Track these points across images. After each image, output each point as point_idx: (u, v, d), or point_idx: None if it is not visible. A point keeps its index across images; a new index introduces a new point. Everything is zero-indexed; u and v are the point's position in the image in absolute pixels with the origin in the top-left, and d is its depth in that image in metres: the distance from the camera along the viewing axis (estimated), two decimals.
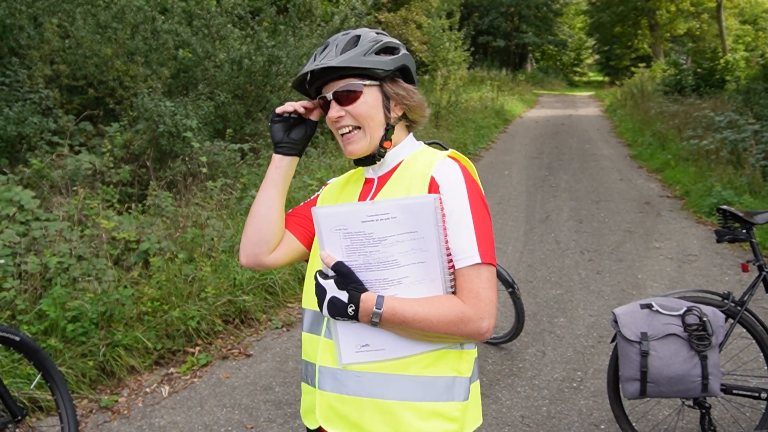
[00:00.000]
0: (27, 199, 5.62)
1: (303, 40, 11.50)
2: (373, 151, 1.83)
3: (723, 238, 3.69)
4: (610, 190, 10.90)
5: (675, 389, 3.27)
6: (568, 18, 50.45)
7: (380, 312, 1.61)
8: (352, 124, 1.80)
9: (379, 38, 1.83)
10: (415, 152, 1.87)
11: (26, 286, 4.88)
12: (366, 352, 1.68)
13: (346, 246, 1.61)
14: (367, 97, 1.79)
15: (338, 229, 1.61)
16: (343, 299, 1.61)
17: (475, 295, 1.65)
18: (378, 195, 1.82)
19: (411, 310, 1.61)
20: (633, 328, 3.30)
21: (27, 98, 7.76)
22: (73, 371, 4.41)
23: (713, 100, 17.02)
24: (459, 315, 1.62)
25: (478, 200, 1.73)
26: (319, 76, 1.82)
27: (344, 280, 1.62)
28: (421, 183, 1.74)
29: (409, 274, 1.63)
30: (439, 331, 1.63)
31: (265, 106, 10.43)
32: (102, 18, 9.32)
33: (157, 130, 7.65)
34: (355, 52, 1.77)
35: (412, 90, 1.85)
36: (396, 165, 1.86)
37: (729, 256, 7.20)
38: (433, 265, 1.63)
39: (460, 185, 1.72)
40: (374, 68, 1.78)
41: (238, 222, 6.73)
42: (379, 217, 1.59)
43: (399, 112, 1.85)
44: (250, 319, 5.64)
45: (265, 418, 4.18)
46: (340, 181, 2.03)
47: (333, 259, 1.63)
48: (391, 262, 1.61)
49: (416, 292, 1.64)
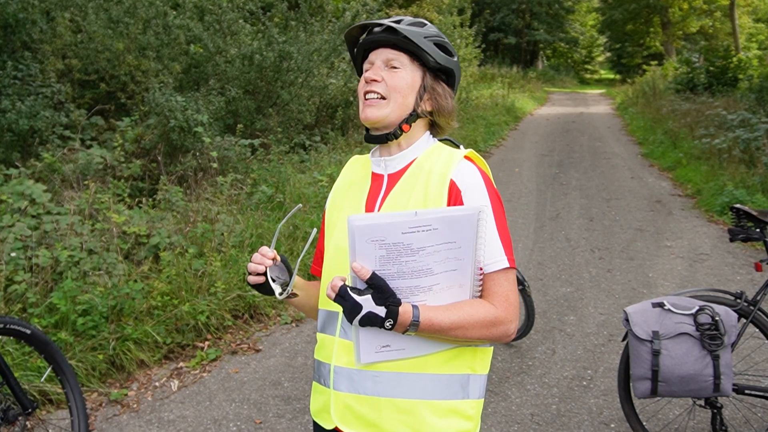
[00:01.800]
0: (38, 192, 5.64)
1: (314, 35, 11.50)
2: (388, 128, 1.79)
3: (736, 237, 3.66)
4: (621, 188, 10.85)
5: (686, 389, 3.25)
6: (580, 15, 50.28)
7: (417, 324, 1.57)
8: (381, 92, 1.76)
9: (441, 35, 1.82)
10: (429, 149, 1.83)
11: (37, 279, 4.90)
12: (386, 352, 1.65)
13: (380, 256, 1.55)
14: (408, 75, 1.77)
15: (374, 240, 1.53)
16: (381, 314, 1.54)
17: (505, 298, 1.66)
18: (389, 195, 1.78)
19: (447, 320, 1.59)
20: (644, 326, 3.28)
21: (39, 92, 7.79)
22: (83, 365, 4.43)
23: (726, 99, 16.92)
24: (493, 320, 1.63)
25: (498, 204, 1.73)
26: (373, 41, 1.80)
27: (381, 294, 1.55)
28: (439, 187, 1.71)
29: (441, 281, 1.60)
30: (471, 337, 1.63)
31: (276, 102, 10.44)
32: (114, 13, 9.34)
33: (168, 125, 7.66)
34: (416, 30, 1.76)
35: (450, 93, 1.83)
36: (409, 163, 1.82)
37: (741, 255, 7.15)
38: (465, 272, 1.62)
39: (482, 190, 1.71)
40: (428, 53, 1.76)
41: (248, 217, 6.74)
42: (421, 229, 1.53)
43: (428, 107, 1.81)
44: (259, 314, 5.65)
45: (273, 413, 4.18)
46: (346, 178, 1.98)
47: (368, 272, 1.54)
48: (426, 270, 1.57)
49: (444, 298, 1.62)
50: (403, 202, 1.74)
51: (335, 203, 1.94)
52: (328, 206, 1.97)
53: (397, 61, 1.77)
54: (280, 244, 6.44)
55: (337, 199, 1.94)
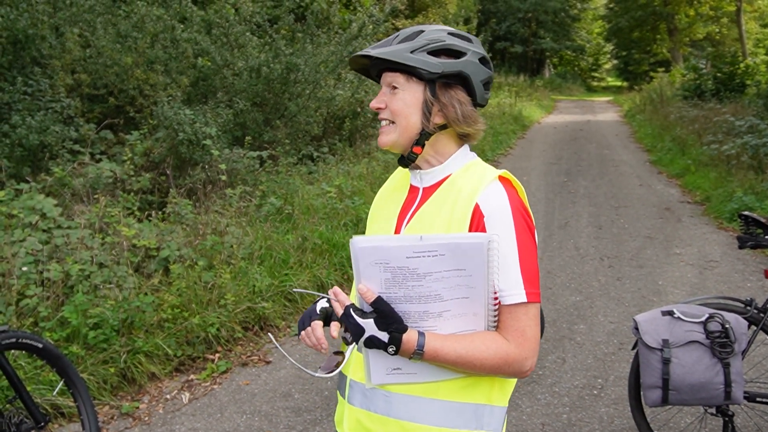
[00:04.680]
0: (49, 207, 5.68)
1: (321, 47, 11.55)
2: (402, 151, 1.74)
3: (745, 244, 3.65)
4: (630, 196, 10.83)
5: (697, 397, 3.24)
6: (586, 23, 50.27)
7: (422, 353, 1.54)
8: (388, 118, 1.73)
9: (441, 38, 1.69)
10: (466, 165, 1.75)
11: (48, 293, 4.93)
12: (397, 374, 1.62)
13: (385, 279, 1.52)
14: (406, 94, 1.69)
15: (379, 262, 1.50)
16: (383, 339, 1.52)
17: (521, 333, 1.60)
18: (420, 209, 1.73)
19: (453, 353, 1.55)
20: (654, 335, 3.27)
21: (49, 107, 7.84)
22: (94, 378, 4.45)
23: (733, 105, 16.87)
24: (504, 357, 1.58)
25: (524, 231, 1.64)
26: (377, 63, 1.74)
27: (385, 320, 1.53)
28: (464, 209, 1.63)
29: (452, 308, 1.55)
30: (480, 372, 1.60)
31: (284, 114, 10.47)
32: (122, 27, 9.41)
33: (177, 138, 7.70)
34: (403, 46, 1.67)
35: (460, 101, 1.70)
36: (444, 178, 1.74)
37: (751, 262, 7.13)
38: (478, 301, 1.56)
39: (507, 216, 1.62)
40: (417, 67, 1.65)
41: (257, 229, 6.76)
42: (426, 254, 1.49)
43: (439, 120, 1.71)
44: (269, 326, 5.66)
45: (284, 425, 4.18)
46: (389, 186, 1.94)
47: (373, 295, 1.53)
48: (434, 296, 1.53)
49: (456, 325, 1.58)
50: (429, 221, 1.69)
51: (374, 211, 1.92)
52: (370, 212, 1.94)
53: (396, 81, 1.71)
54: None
55: (377, 207, 1.91)
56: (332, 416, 4.26)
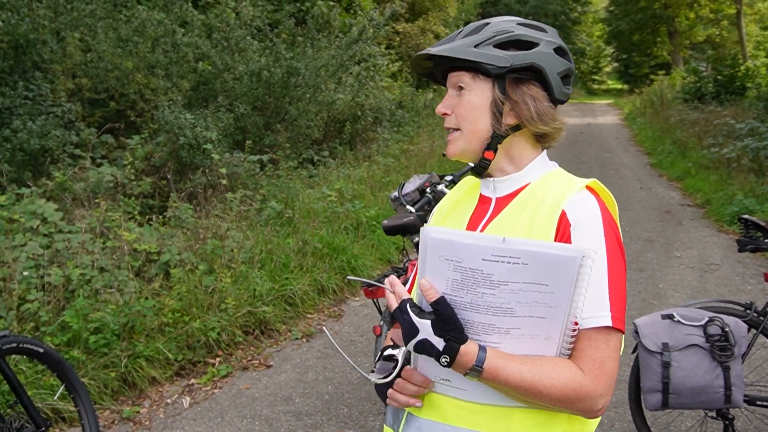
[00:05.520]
0: (50, 211, 5.69)
1: (321, 51, 11.57)
2: (473, 159, 1.56)
3: (745, 247, 3.65)
4: (630, 199, 10.83)
5: (697, 400, 3.24)
6: (586, 26, 50.34)
7: (480, 370, 1.32)
8: (452, 126, 1.55)
9: (509, 29, 1.52)
10: (546, 174, 1.58)
11: (49, 297, 4.93)
12: (445, 385, 1.45)
13: (453, 279, 1.32)
14: (473, 95, 1.51)
15: (449, 259, 1.31)
16: (438, 346, 1.32)
17: (599, 365, 1.37)
18: (493, 221, 1.53)
19: (518, 375, 1.33)
20: (654, 338, 3.27)
21: (50, 112, 7.85)
22: (95, 382, 4.45)
23: (734, 108, 16.87)
24: (576, 390, 1.35)
25: (615, 248, 1.44)
26: (441, 63, 1.57)
27: (444, 325, 1.32)
28: (548, 216, 1.45)
29: (522, 326, 1.34)
30: (543, 402, 1.37)
31: (284, 118, 10.49)
32: (123, 32, 9.42)
33: (178, 142, 7.71)
34: (467, 40, 1.50)
35: (534, 97, 1.52)
36: (521, 187, 1.55)
37: (751, 266, 7.13)
38: (555, 324, 1.34)
39: (597, 227, 1.43)
40: (482, 62, 1.47)
41: (257, 233, 6.77)
42: (507, 260, 1.28)
43: (511, 121, 1.52)
44: (269, 330, 5.66)
45: (285, 429, 4.19)
46: (452, 198, 1.72)
47: (436, 294, 1.33)
48: (505, 309, 1.32)
49: (524, 347, 1.36)
50: (506, 231, 1.47)
51: (437, 223, 1.68)
52: (432, 221, 1.74)
53: (461, 81, 1.53)
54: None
55: (440, 219, 1.70)
56: (333, 420, 4.27)
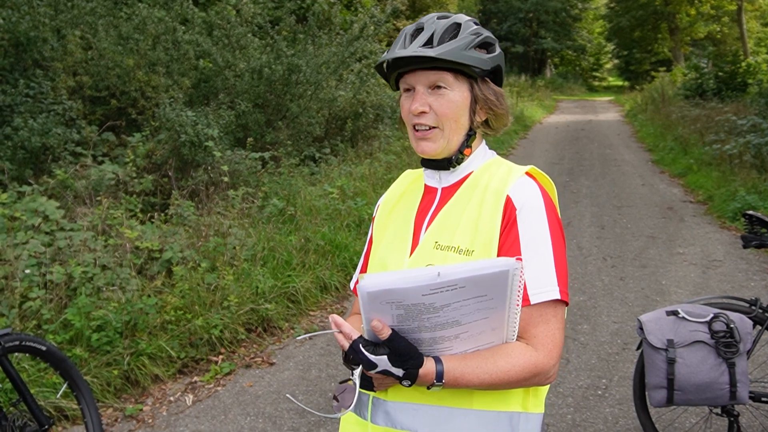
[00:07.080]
0: (51, 209, 5.68)
1: (322, 48, 11.57)
2: (449, 155, 1.63)
3: (749, 243, 3.64)
4: (632, 196, 10.82)
5: (702, 397, 3.23)
6: (587, 23, 50.35)
7: (441, 384, 1.43)
8: (431, 123, 1.59)
9: (478, 31, 1.60)
10: (488, 162, 1.69)
11: (51, 295, 4.93)
12: None
13: (398, 315, 1.39)
14: (456, 96, 1.58)
15: (390, 302, 1.37)
16: (398, 374, 1.40)
17: (551, 338, 1.49)
18: (442, 209, 1.63)
19: (477, 379, 1.45)
20: (659, 335, 3.26)
21: (51, 110, 7.85)
22: (98, 380, 4.44)
23: (735, 104, 16.87)
24: (531, 369, 1.47)
25: (557, 227, 1.56)
26: (408, 62, 1.59)
27: (399, 357, 1.39)
28: (495, 202, 1.55)
29: (469, 329, 1.44)
30: (507, 388, 1.50)
31: (285, 115, 10.48)
32: (124, 29, 9.42)
33: (179, 139, 7.71)
34: (455, 44, 1.55)
35: (502, 95, 1.64)
36: (465, 176, 1.66)
37: (755, 262, 7.12)
38: (498, 318, 1.44)
39: (540, 210, 1.55)
40: (473, 66, 1.55)
41: (259, 230, 6.76)
42: (445, 289, 1.35)
43: (483, 117, 1.63)
44: (272, 328, 5.65)
45: (288, 426, 4.18)
46: (395, 191, 1.81)
47: (387, 331, 1.39)
48: (451, 323, 1.41)
49: (474, 343, 1.47)
50: (453, 220, 1.59)
51: (383, 216, 1.78)
52: (376, 218, 1.81)
53: (442, 80, 1.57)
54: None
55: (385, 212, 1.78)
56: (336, 418, 4.25)
